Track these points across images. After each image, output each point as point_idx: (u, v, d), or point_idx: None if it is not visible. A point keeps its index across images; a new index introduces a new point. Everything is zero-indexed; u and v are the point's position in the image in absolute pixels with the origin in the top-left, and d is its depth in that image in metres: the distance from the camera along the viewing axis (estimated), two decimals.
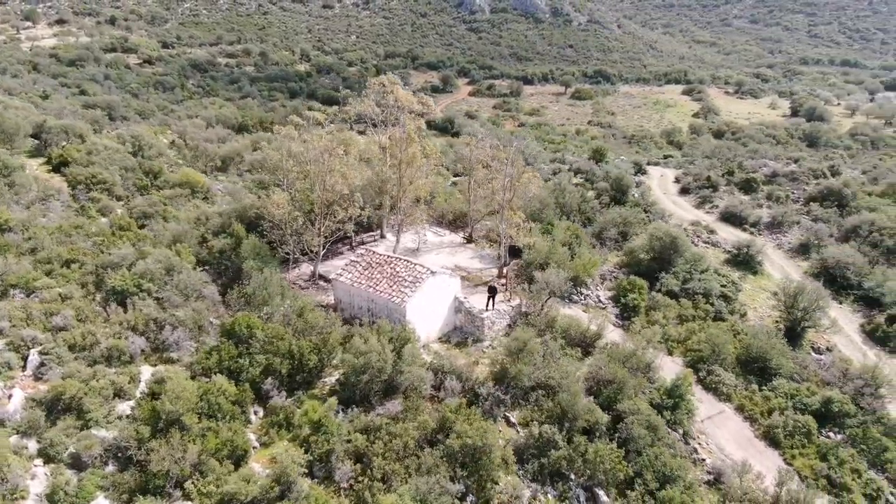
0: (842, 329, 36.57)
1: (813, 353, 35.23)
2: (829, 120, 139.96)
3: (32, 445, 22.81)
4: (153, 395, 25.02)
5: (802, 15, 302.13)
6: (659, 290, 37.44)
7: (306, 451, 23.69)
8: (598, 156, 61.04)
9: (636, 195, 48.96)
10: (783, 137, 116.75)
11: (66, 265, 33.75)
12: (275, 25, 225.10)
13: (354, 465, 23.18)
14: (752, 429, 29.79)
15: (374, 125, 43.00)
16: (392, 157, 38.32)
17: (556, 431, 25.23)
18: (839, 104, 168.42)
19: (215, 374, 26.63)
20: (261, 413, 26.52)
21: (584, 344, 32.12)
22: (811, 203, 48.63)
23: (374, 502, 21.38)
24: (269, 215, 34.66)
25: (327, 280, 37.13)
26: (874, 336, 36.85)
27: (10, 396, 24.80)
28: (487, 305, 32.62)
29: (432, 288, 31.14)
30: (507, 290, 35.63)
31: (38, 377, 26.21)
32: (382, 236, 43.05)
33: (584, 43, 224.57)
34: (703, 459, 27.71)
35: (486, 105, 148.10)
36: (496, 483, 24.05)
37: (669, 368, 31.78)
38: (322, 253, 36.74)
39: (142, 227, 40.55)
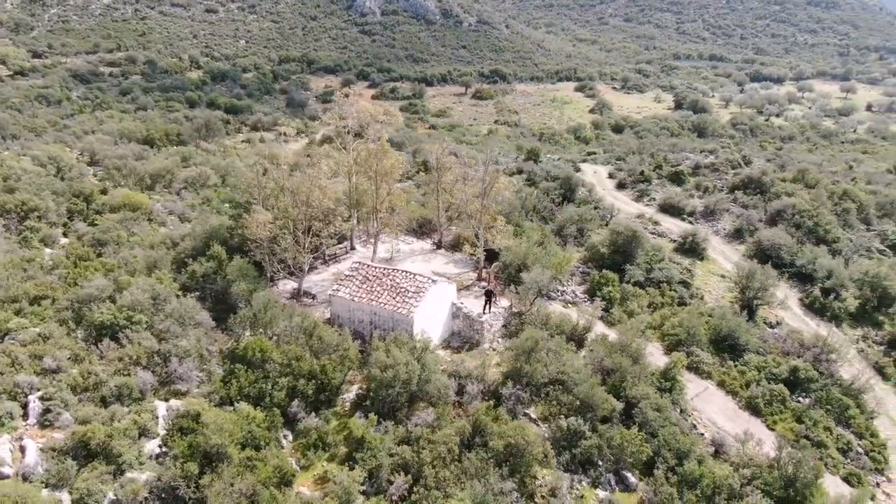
0: (786, 304, 40.66)
1: (767, 328, 38.93)
2: (711, 111, 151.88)
3: (66, 498, 21.56)
4: (182, 430, 24.18)
5: (670, 13, 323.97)
6: (627, 282, 39.94)
7: (351, 469, 23.79)
8: (533, 155, 63.55)
9: (585, 192, 51.70)
10: (675, 129, 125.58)
11: (36, 302, 31.55)
12: (156, 31, 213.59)
13: (406, 476, 23.55)
14: (734, 401, 32.68)
15: (341, 138, 42.71)
16: (367, 168, 38.40)
17: (582, 423, 26.76)
18: (714, 96, 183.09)
19: (237, 401, 26.08)
20: (290, 436, 26.20)
21: (576, 338, 33.90)
22: (736, 191, 53.37)
23: None
24: (253, 234, 33.83)
25: (312, 296, 36.80)
26: (813, 308, 41.28)
27: (22, 449, 23.17)
28: (485, 309, 33.67)
29: (434, 296, 31.81)
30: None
31: (44, 425, 24.62)
32: (352, 248, 42.95)
33: (476, 43, 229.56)
34: (702, 434, 30.20)
35: (391, 108, 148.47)
36: (535, 478, 25.24)
37: (651, 353, 34.17)
38: (306, 269, 36.32)
39: (99, 255, 38.32)
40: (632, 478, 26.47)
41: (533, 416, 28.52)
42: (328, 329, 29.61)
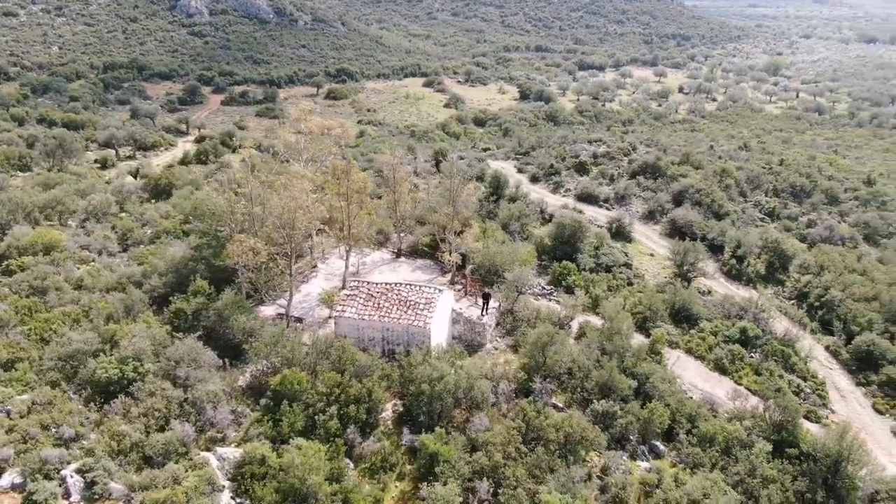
0: (715, 275, 46.31)
1: (702, 297, 44.12)
2: (556, 100, 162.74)
3: None
4: (253, 476, 23.29)
5: (493, 7, 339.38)
6: (583, 269, 43.22)
7: (430, 483, 24.29)
8: (441, 155, 65.34)
9: (512, 189, 54.34)
10: (532, 120, 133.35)
11: (10, 367, 28.06)
12: None
13: (489, 481, 24.53)
14: (704, 365, 37.09)
15: (298, 154, 41.47)
16: (338, 186, 37.87)
17: (614, 404, 29.28)
18: (551, 85, 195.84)
19: (292, 438, 25.41)
20: (350, 463, 25.96)
21: (562, 327, 36.41)
22: (637, 176, 59.04)
23: None
24: (245, 262, 32.38)
25: (298, 319, 35.90)
26: (730, 274, 47.36)
27: None
28: (482, 312, 35.02)
29: (441, 305, 32.65)
30: (466, 293, 38.16)
31: (92, 499, 22.42)
32: (314, 266, 42.10)
33: (315, 42, 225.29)
34: (691, 397, 34.05)
35: (247, 114, 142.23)
36: (586, 461, 27.35)
37: None
38: (293, 292, 35.35)
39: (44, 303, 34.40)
40: (661, 446, 29.50)
41: (559, 405, 30.59)
42: (358, 351, 29.42)
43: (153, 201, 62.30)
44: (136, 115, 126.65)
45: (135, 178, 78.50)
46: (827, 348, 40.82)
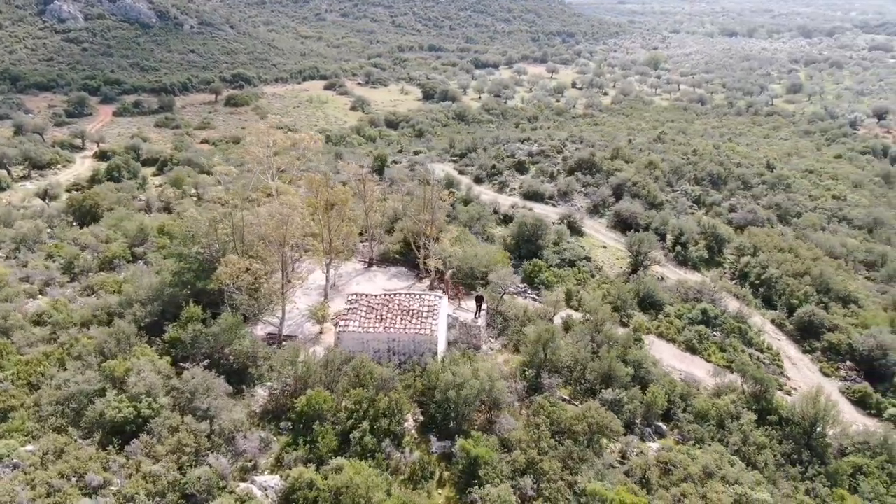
0: (665, 263, 49.55)
1: (658, 282, 47.13)
2: (460, 100, 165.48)
3: None
4: (305, 500, 23.04)
5: (382, 7, 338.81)
6: (550, 266, 45.02)
7: (481, 486, 24.95)
8: (380, 161, 65.34)
9: (464, 191, 55.35)
10: (444, 120, 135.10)
11: (3, 417, 25.96)
12: None
13: (532, 478, 25.50)
14: (676, 347, 39.85)
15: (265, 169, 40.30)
16: (318, 200, 37.38)
17: (619, 392, 31.04)
18: (451, 85, 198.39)
19: (330, 458, 25.26)
20: (391, 477, 26.08)
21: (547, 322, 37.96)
22: (575, 173, 61.77)
23: (586, 494, 24.49)
24: (239, 284, 31.44)
25: (292, 338, 35.25)
26: (678, 260, 50.83)
27: None
28: (476, 315, 35.85)
29: (443, 312, 33.21)
30: (448, 298, 38.87)
31: None
32: (288, 281, 41.22)
33: (204, 47, 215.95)
34: (674, 378, 36.55)
35: (145, 124, 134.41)
36: (603, 447, 28.92)
37: None
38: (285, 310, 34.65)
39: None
40: (663, 426, 31.64)
41: (566, 397, 32.04)
42: (376, 365, 29.43)
43: (76, 224, 58.17)
44: (22, 131, 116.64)
45: (44, 199, 72.87)
46: (773, 322, 44.87)
